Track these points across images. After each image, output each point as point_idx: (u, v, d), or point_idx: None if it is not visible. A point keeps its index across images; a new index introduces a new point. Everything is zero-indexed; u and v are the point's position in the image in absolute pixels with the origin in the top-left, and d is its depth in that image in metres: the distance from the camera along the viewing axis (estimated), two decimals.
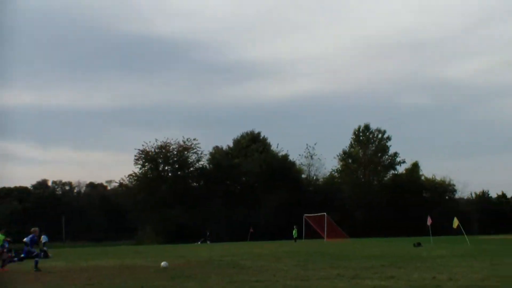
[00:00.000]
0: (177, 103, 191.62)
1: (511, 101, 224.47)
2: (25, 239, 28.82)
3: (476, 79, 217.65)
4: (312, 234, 76.63)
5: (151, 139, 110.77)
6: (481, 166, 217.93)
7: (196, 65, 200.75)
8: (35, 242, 30.01)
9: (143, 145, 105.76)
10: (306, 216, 79.12)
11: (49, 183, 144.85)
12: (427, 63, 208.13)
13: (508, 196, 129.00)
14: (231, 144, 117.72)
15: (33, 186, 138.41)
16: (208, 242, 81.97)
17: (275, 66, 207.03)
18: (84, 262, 32.01)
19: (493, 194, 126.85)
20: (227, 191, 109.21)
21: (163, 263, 28.92)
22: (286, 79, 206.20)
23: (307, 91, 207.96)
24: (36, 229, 30.47)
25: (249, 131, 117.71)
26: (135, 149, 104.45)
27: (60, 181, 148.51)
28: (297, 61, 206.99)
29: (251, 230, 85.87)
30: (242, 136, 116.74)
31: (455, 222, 50.57)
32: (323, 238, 71.00)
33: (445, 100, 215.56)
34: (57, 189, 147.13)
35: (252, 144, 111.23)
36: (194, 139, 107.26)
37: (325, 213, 74.96)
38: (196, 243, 78.68)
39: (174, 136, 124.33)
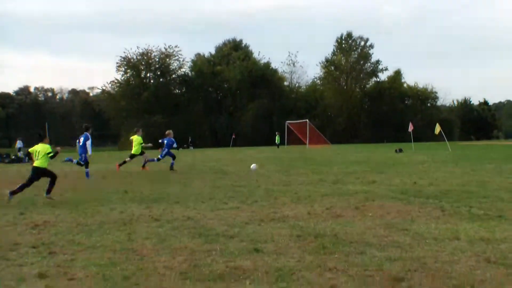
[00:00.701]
0: (158, 9, 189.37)
1: (498, 8, 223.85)
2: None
3: None
4: (295, 140, 76.86)
5: (133, 46, 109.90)
6: (463, 74, 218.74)
7: None
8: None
9: (124, 52, 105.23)
10: (289, 123, 79.27)
11: (31, 90, 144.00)
12: None
13: (490, 103, 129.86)
14: (213, 52, 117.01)
15: (16, 92, 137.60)
16: (191, 148, 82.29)
17: None
18: (67, 167, 31.95)
19: (475, 101, 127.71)
20: (209, 98, 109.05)
21: (252, 166, 29.47)
22: None
23: (289, 0, 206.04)
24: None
25: (231, 39, 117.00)
26: (117, 56, 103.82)
27: (42, 87, 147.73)
28: None
29: (234, 136, 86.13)
30: (224, 44, 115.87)
31: (437, 129, 50.79)
32: (305, 144, 71.26)
33: (430, 6, 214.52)
34: (40, 95, 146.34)
35: (234, 52, 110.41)
36: (176, 46, 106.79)
37: (307, 120, 75.17)
38: (178, 149, 78.87)
39: (156, 43, 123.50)
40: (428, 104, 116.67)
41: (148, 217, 13.70)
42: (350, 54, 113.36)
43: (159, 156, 30.76)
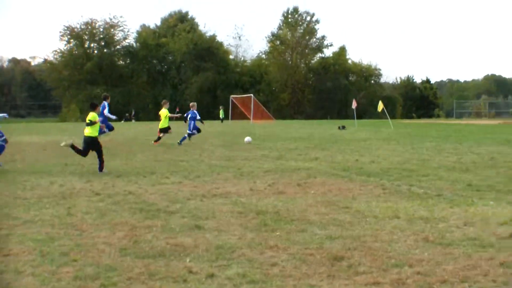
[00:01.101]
0: None
1: None
2: None
3: None
4: (239, 115, 76.83)
5: (76, 15, 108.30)
6: (407, 52, 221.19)
7: None
8: None
9: (68, 21, 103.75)
10: (233, 97, 79.14)
11: None
12: None
13: (432, 81, 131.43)
14: (158, 23, 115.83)
15: None
16: (133, 120, 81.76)
17: None
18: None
19: (418, 79, 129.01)
20: (153, 70, 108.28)
21: (246, 138, 30.28)
22: None
23: None
24: None
25: (177, 10, 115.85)
26: (60, 24, 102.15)
27: None
28: None
29: (177, 109, 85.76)
30: (170, 15, 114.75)
31: (380, 106, 51.26)
32: (249, 119, 71.30)
33: None
34: None
35: (179, 24, 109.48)
36: (121, 17, 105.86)
37: (251, 95, 75.12)
38: (120, 122, 78.37)
39: (100, 13, 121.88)
40: (372, 81, 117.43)
41: (88, 191, 13.60)
42: (296, 29, 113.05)
43: (188, 132, 30.23)
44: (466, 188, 13.74)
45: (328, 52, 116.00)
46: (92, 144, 17.85)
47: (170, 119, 31.11)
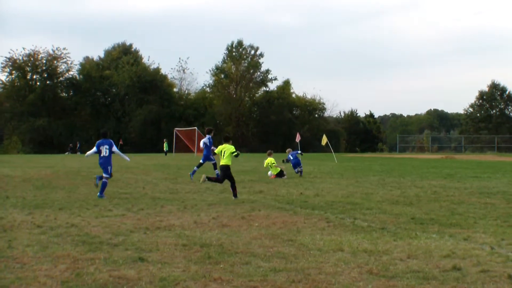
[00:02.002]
0: (45, 10, 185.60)
1: (383, 22, 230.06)
2: None
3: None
4: (183, 148, 76.59)
5: (19, 47, 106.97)
6: (351, 86, 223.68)
7: None
8: None
9: (10, 52, 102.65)
10: (177, 130, 78.91)
11: None
12: None
13: (376, 116, 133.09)
14: (102, 55, 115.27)
15: None
16: (79, 153, 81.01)
17: None
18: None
19: (361, 113, 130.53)
20: (97, 102, 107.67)
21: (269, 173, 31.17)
22: None
23: (181, 3, 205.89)
24: None
25: (120, 43, 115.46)
26: (1, 56, 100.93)
27: None
28: None
29: (121, 142, 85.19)
30: (114, 48, 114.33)
31: (324, 140, 51.50)
32: (193, 152, 71.15)
33: (317, 19, 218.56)
34: None
35: (123, 56, 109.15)
36: (64, 49, 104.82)
37: (196, 128, 75.02)
38: (64, 154, 77.65)
39: (43, 44, 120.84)
40: (316, 115, 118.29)
41: (30, 223, 13.41)
42: (240, 63, 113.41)
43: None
44: (410, 222, 13.89)
45: (272, 86, 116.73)
46: (228, 172, 19.60)
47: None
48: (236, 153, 19.98)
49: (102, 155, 20.70)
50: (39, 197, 17.89)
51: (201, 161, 28.80)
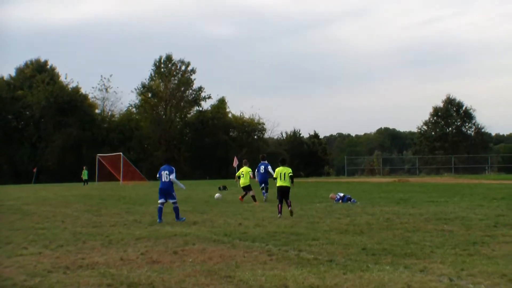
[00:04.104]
0: None
1: (326, 33, 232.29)
2: None
3: (288, 8, 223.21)
4: (107, 176, 76.03)
5: None
6: (293, 104, 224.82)
7: None
8: None
9: None
10: (100, 156, 78.31)
11: None
12: None
13: (321, 136, 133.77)
14: (13, 74, 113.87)
15: None
16: None
17: None
18: None
19: (305, 133, 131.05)
20: (8, 126, 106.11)
21: (217, 195, 36.12)
22: (73, 0, 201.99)
23: (101, 14, 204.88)
24: None
25: (34, 59, 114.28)
26: None
27: None
28: None
29: (35, 170, 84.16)
30: (27, 65, 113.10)
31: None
32: (118, 180, 70.72)
33: (253, 31, 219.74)
34: None
35: (38, 74, 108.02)
36: None
37: (121, 153, 74.63)
38: None
39: None
40: (255, 137, 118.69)
41: None
42: (170, 80, 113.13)
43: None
44: (360, 252, 13.99)
45: (206, 105, 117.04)
46: (288, 192, 24.25)
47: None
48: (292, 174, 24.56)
49: (163, 180, 23.20)
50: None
51: (263, 185, 34.32)
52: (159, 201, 22.81)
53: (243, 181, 33.82)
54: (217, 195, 36.59)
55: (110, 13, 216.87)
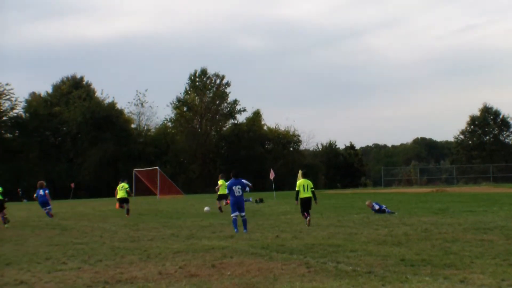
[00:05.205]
0: None
1: (360, 43, 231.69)
2: None
3: (321, 19, 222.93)
4: (144, 190, 76.19)
5: None
6: (328, 116, 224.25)
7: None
8: None
9: None
10: (136, 170, 78.52)
11: None
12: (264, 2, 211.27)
13: (357, 147, 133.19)
14: (50, 90, 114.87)
15: None
16: (25, 200, 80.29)
17: (94, 2, 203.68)
18: None
19: (341, 145, 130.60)
20: (45, 143, 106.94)
21: (206, 208, 37.84)
22: (108, 17, 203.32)
23: (136, 30, 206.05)
24: None
25: (70, 76, 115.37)
26: None
27: None
28: None
29: (72, 185, 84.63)
30: (63, 82, 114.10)
31: (300, 176, 51.54)
32: (155, 194, 70.87)
33: (286, 43, 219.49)
34: None
35: (74, 91, 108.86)
36: (7, 84, 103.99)
37: (157, 167, 74.77)
38: (21, 202, 77.03)
39: None
40: (291, 149, 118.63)
41: None
42: (205, 93, 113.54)
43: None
44: (399, 264, 13.90)
45: (241, 118, 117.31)
46: (310, 203, 25.61)
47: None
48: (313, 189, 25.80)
49: (236, 194, 23.56)
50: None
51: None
52: (233, 214, 23.34)
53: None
54: (206, 208, 38.72)
55: (145, 28, 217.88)
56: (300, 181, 25.97)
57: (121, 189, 38.59)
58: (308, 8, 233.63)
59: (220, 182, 38.67)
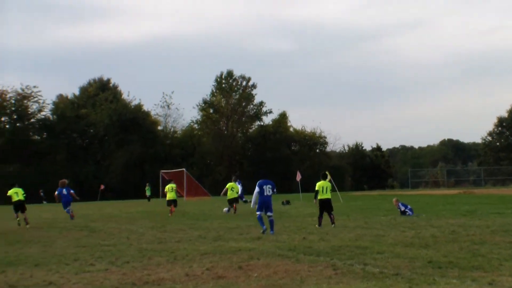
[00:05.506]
0: (12, 47, 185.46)
1: (386, 45, 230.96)
2: None
3: (347, 21, 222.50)
4: None
5: None
6: (355, 117, 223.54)
7: (30, 3, 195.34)
8: None
9: None
10: (163, 172, 78.63)
11: None
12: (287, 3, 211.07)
13: (383, 148, 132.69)
14: (77, 92, 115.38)
15: None
16: (44, 202, 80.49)
17: (119, 4, 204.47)
18: None
19: (367, 146, 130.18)
20: (73, 145, 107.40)
21: (224, 209, 37.99)
22: (135, 20, 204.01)
23: (162, 32, 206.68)
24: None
25: (97, 78, 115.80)
26: None
27: None
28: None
29: (102, 188, 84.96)
30: (90, 84, 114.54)
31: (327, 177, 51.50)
32: (182, 196, 70.95)
33: (312, 44, 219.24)
34: None
35: (101, 93, 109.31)
36: (35, 87, 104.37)
37: (184, 169, 74.86)
38: (42, 203, 77.34)
39: (10, 83, 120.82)
40: (317, 150, 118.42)
41: (3, 283, 13.34)
42: (231, 95, 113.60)
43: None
44: (426, 266, 13.85)
45: (267, 120, 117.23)
46: (331, 204, 26.53)
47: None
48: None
49: (265, 194, 23.67)
50: (12, 253, 17.84)
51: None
52: (258, 212, 23.40)
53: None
54: (225, 209, 38.31)
55: (171, 30, 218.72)
56: (320, 183, 26.76)
57: (171, 191, 39.13)
58: (334, 8, 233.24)
59: (228, 185, 38.27)
